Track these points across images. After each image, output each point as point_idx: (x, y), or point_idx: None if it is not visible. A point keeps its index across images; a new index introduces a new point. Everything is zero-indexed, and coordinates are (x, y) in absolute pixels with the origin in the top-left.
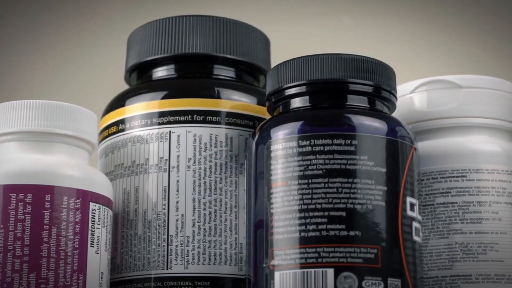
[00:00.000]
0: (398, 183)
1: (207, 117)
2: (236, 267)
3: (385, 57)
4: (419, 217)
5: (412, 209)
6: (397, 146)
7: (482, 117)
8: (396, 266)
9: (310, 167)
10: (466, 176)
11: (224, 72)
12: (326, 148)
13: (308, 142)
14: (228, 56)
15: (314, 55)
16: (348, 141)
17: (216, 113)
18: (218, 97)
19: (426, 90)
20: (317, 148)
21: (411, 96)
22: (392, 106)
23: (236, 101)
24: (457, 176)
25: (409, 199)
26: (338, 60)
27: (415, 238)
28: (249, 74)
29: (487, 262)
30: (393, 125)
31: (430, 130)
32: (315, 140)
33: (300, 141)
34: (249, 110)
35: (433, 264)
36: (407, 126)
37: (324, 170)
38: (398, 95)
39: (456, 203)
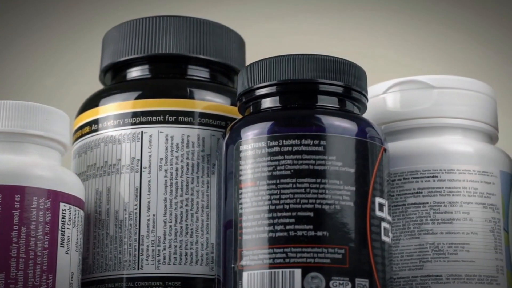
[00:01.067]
0: (367, 183)
1: (179, 118)
2: (207, 267)
3: (360, 57)
4: (389, 218)
5: (381, 209)
6: (367, 147)
7: (455, 118)
8: (364, 267)
9: (278, 168)
10: (437, 177)
11: (198, 72)
12: (295, 148)
13: (276, 143)
14: (202, 56)
15: (284, 55)
16: (316, 142)
17: (188, 114)
18: (191, 97)
19: (399, 91)
20: (286, 149)
21: (384, 96)
22: (363, 107)
23: (208, 101)
24: (428, 177)
25: (378, 200)
26: (308, 61)
27: (384, 238)
28: (223, 75)
29: (458, 262)
30: (363, 125)
31: (403, 131)
32: (284, 141)
33: (268, 142)
34: (221, 111)
35: (404, 265)
36: (378, 126)
37: (292, 171)
38: (371, 95)
39: (427, 203)
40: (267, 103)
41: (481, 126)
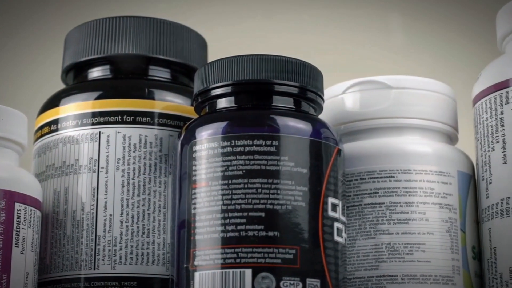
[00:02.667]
0: (320, 183)
1: (137, 118)
2: (164, 268)
3: (320, 57)
4: (343, 218)
5: (334, 209)
6: (321, 147)
7: (413, 118)
8: (316, 267)
9: (230, 168)
10: (394, 177)
11: (159, 73)
12: (247, 149)
13: (229, 143)
14: (162, 57)
15: (240, 55)
16: (268, 142)
17: (146, 114)
18: (149, 97)
19: (357, 91)
20: (238, 149)
21: (343, 96)
22: (319, 107)
23: (167, 101)
24: (385, 177)
25: (331, 200)
26: (263, 61)
27: (337, 238)
28: (184, 75)
29: (413, 262)
30: (317, 126)
31: (362, 131)
32: (236, 141)
33: (221, 142)
34: (181, 111)
35: (360, 265)
36: (333, 127)
37: (244, 171)
38: (330, 95)
39: (384, 203)
40: (222, 103)
41: (440, 126)
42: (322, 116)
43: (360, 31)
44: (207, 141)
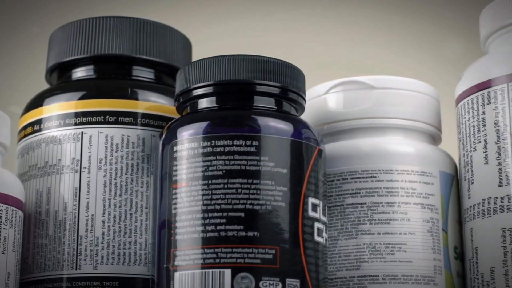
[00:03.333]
0: (300, 184)
1: (120, 118)
2: (145, 268)
3: (303, 57)
4: (323, 218)
5: (314, 209)
6: (301, 148)
7: (395, 118)
8: (296, 267)
9: (210, 168)
10: (376, 177)
11: (142, 73)
12: (227, 149)
13: (209, 143)
14: (145, 57)
15: (221, 56)
16: (248, 142)
17: (128, 114)
18: (132, 98)
19: (340, 91)
20: (218, 149)
21: (325, 97)
22: (301, 108)
23: (150, 102)
24: (366, 177)
25: (311, 200)
26: (244, 61)
27: (317, 238)
28: (168, 76)
29: (395, 262)
30: (298, 126)
31: (345, 131)
32: (216, 141)
33: (201, 142)
34: (163, 111)
35: (342, 265)
36: (314, 127)
37: (224, 171)
38: (312, 96)
39: (365, 203)
40: (203, 103)
41: (422, 126)
42: (305, 116)
43: (343, 31)
44: (187, 141)
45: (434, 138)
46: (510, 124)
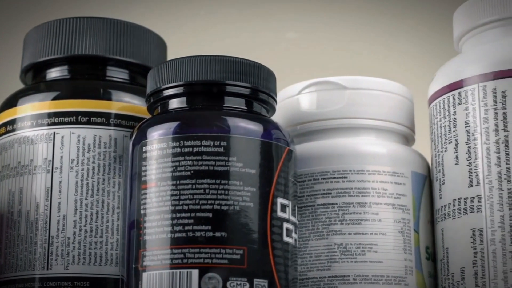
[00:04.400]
0: (269, 184)
1: (92, 118)
2: (117, 268)
3: (277, 58)
4: (293, 218)
5: (283, 210)
6: (270, 148)
7: (367, 118)
8: (264, 267)
9: (179, 168)
10: (347, 177)
11: (117, 73)
12: (195, 149)
13: (178, 144)
14: (119, 57)
15: (191, 56)
16: (217, 143)
17: (100, 114)
18: (105, 98)
19: (312, 92)
20: (186, 150)
21: (298, 97)
22: (271, 108)
23: (123, 102)
24: (338, 177)
25: (280, 200)
26: (215, 62)
27: (286, 239)
28: (143, 76)
29: (366, 263)
30: (267, 127)
31: (318, 131)
32: (185, 142)
33: (170, 143)
34: (136, 112)
35: (313, 265)
36: (285, 128)
37: (192, 172)
38: (285, 96)
39: (336, 204)
40: (174, 103)
41: (395, 127)
42: (278, 117)
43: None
44: (157, 142)
45: (407, 138)
46: (481, 125)
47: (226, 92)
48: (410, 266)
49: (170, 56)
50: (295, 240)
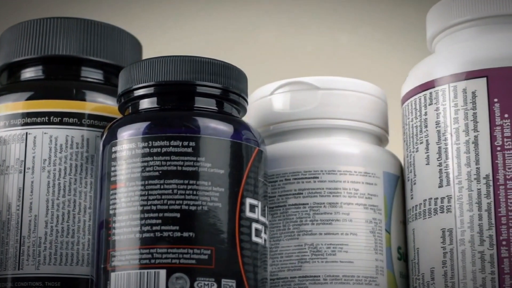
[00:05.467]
0: (238, 184)
1: (64, 119)
2: (88, 268)
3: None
4: (262, 219)
5: (252, 210)
6: (240, 149)
7: (340, 119)
8: (232, 267)
9: (147, 169)
10: (318, 178)
11: (91, 74)
12: (163, 149)
13: (146, 144)
14: (93, 58)
15: (162, 56)
16: (185, 143)
17: (73, 115)
18: (76, 98)
19: (285, 92)
20: (155, 150)
21: (271, 97)
22: (243, 109)
23: (95, 102)
24: (309, 177)
25: (249, 201)
26: (185, 62)
27: (255, 239)
28: (117, 77)
29: (336, 263)
30: (238, 127)
31: (291, 132)
32: (153, 142)
33: (139, 143)
34: (108, 112)
35: (283, 265)
36: (255, 128)
37: (160, 172)
38: (258, 96)
39: (307, 204)
40: (145, 104)
41: (368, 127)
42: (251, 117)
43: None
44: (126, 142)
45: (381, 139)
46: (451, 125)
47: (197, 93)
48: (381, 266)
49: (146, 56)
50: (265, 240)
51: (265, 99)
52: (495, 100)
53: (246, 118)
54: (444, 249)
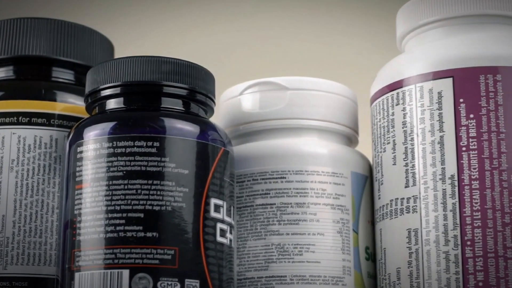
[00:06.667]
0: (202, 185)
1: (33, 119)
2: (55, 268)
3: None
4: (228, 219)
5: (217, 210)
6: (204, 149)
7: (308, 119)
8: (195, 267)
9: (111, 169)
10: (285, 178)
11: (62, 74)
12: (128, 150)
13: (111, 144)
14: (64, 58)
15: (128, 57)
16: (150, 143)
17: (41, 115)
18: (45, 99)
19: (254, 92)
20: (119, 150)
21: (240, 98)
22: (210, 109)
23: (64, 103)
24: (276, 178)
25: (213, 201)
26: (151, 63)
27: (220, 239)
28: None
29: (303, 263)
30: (203, 127)
31: (260, 132)
32: (118, 142)
33: (104, 143)
34: (77, 112)
35: (250, 265)
36: (221, 128)
37: (124, 172)
38: (228, 97)
39: (275, 204)
40: (111, 104)
41: (337, 128)
42: (221, 117)
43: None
44: (91, 142)
45: (350, 139)
46: (417, 125)
47: (163, 93)
48: (348, 267)
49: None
50: (230, 240)
51: (234, 100)
52: (461, 100)
53: (215, 119)
54: (410, 249)
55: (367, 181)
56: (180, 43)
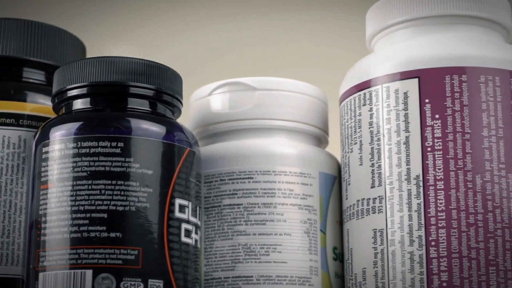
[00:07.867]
0: (167, 185)
1: (1, 119)
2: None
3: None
4: (193, 219)
5: (182, 210)
6: (170, 149)
7: (277, 119)
8: (159, 268)
9: (76, 169)
10: (252, 178)
11: (33, 75)
12: (92, 150)
13: (75, 144)
14: (34, 59)
15: (95, 57)
16: (114, 144)
17: (10, 115)
18: (14, 99)
19: (223, 92)
20: (83, 150)
21: (209, 98)
22: (177, 110)
23: (33, 103)
24: (244, 178)
25: (178, 201)
26: (118, 63)
27: (185, 239)
28: None
29: (269, 263)
30: (169, 128)
31: (229, 132)
32: (82, 142)
33: (68, 143)
34: (46, 113)
35: (217, 265)
36: (188, 129)
37: (88, 172)
38: (197, 97)
39: (242, 204)
40: (78, 104)
41: (306, 128)
42: (190, 117)
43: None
44: (57, 142)
45: (320, 140)
46: (383, 126)
47: (129, 94)
48: (316, 267)
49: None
50: (196, 240)
51: (204, 100)
52: (426, 100)
53: (185, 119)
54: (376, 249)
55: (335, 182)
56: (150, 44)
